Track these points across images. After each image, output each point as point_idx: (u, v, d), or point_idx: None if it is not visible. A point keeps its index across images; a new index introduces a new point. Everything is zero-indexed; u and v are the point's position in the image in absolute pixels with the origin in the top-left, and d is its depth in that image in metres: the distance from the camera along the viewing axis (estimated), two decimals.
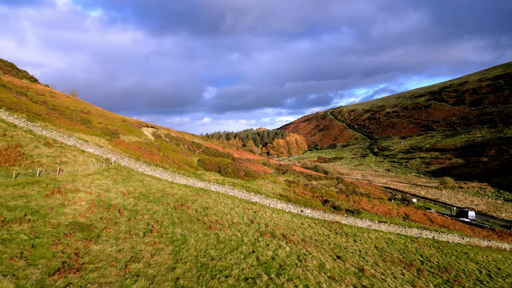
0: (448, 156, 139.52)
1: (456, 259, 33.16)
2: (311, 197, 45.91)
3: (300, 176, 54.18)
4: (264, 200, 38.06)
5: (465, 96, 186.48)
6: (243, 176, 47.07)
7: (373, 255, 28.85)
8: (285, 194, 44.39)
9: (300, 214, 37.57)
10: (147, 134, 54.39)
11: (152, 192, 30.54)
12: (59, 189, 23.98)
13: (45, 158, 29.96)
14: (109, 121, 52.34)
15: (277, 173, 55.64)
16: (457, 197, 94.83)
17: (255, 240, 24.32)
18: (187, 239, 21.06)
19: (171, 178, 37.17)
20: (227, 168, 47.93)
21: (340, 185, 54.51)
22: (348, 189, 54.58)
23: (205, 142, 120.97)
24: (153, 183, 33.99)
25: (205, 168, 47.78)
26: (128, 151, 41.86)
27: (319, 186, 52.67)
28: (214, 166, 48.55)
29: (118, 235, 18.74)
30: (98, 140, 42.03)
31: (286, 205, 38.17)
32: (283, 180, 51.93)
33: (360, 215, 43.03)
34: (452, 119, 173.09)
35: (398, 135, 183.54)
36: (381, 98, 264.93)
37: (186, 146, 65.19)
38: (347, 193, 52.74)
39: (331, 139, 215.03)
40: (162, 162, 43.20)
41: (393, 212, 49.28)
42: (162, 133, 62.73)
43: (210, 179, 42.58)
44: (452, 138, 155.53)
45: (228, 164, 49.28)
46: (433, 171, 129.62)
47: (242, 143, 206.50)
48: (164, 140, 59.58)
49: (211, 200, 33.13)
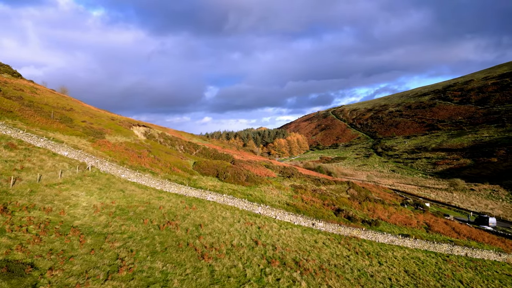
0: (456, 156, 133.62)
1: (500, 284, 27.28)
2: (322, 205, 39.98)
3: (307, 181, 48.32)
4: (269, 211, 32.11)
5: (470, 95, 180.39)
6: (244, 182, 41.12)
7: (406, 285, 22.93)
8: (293, 202, 38.44)
9: (311, 228, 31.62)
10: (137, 134, 48.47)
11: (133, 206, 24.59)
12: (5, 206, 18.03)
13: (1, 164, 23.99)
14: (95, 119, 46.40)
15: (281, 177, 49.72)
16: (470, 201, 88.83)
17: (261, 273, 18.36)
18: (170, 279, 15.10)
19: (160, 186, 31.21)
20: (226, 172, 42.01)
21: (352, 190, 48.60)
22: (361, 194, 48.65)
23: (204, 142, 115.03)
24: (137, 192, 28.03)
25: (201, 173, 41.84)
26: (112, 153, 35.89)
27: (329, 192, 46.77)
28: (211, 170, 42.60)
29: (65, 282, 12.80)
30: (77, 141, 36.07)
31: (295, 217, 32.20)
32: (289, 185, 45.99)
33: (379, 226, 37.09)
34: (458, 118, 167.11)
35: (402, 135, 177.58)
36: (384, 97, 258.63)
37: (182, 147, 59.26)
38: (359, 199, 46.81)
39: (333, 139, 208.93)
40: (152, 166, 37.26)
41: (412, 221, 43.35)
42: (156, 132, 56.77)
43: (207, 185, 36.64)
44: (459, 137, 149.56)
45: (227, 168, 43.34)
46: (441, 172, 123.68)
47: (242, 142, 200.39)
48: (158, 141, 53.63)
49: (206, 214, 27.14)
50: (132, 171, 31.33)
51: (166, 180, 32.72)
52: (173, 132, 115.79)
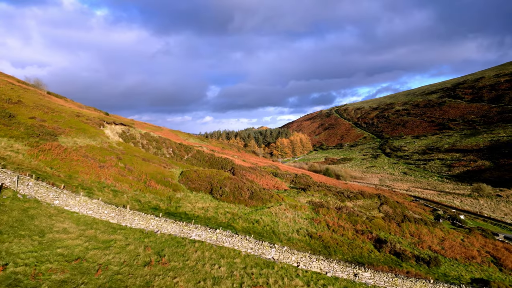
0: (472, 157, 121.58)
1: None
2: (355, 234, 28.18)
3: (328, 195, 36.52)
4: (288, 254, 20.30)
5: (482, 93, 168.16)
6: (247, 200, 29.27)
7: None
8: (316, 231, 26.63)
9: (353, 281, 19.85)
10: (109, 135, 36.65)
11: (44, 271, 12.84)
12: None
13: None
14: (50, 115, 34.59)
15: (295, 190, 37.86)
16: (501, 209, 76.71)
17: None
18: None
19: (117, 217, 19.40)
20: (223, 186, 30.22)
21: (385, 207, 36.81)
22: (396, 212, 36.82)
23: (202, 142, 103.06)
24: (69, 235, 16.26)
25: (189, 187, 30.01)
26: (56, 163, 24.07)
27: (357, 210, 34.98)
28: (203, 183, 30.77)
29: None
30: (7, 145, 24.25)
31: (326, 262, 20.30)
32: (306, 201, 34.21)
33: (440, 267, 25.29)
34: (471, 117, 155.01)
35: (411, 134, 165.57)
36: (389, 95, 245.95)
37: (171, 150, 47.40)
38: (397, 219, 34.96)
39: (337, 139, 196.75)
40: (118, 180, 25.44)
41: (472, 252, 31.48)
42: (138, 132, 44.92)
43: (195, 209, 24.87)
44: (473, 137, 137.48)
45: (224, 180, 31.52)
46: (458, 175, 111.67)
47: (243, 143, 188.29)
48: (139, 143, 41.80)
49: (185, 276, 15.28)
50: (72, 194, 19.36)
51: (135, 201, 20.88)
52: (168, 131, 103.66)
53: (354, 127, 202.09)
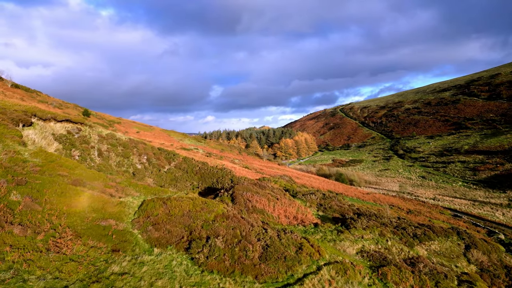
0: (498, 160, 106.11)
1: None
2: None
3: (385, 233, 21.86)
4: None
5: (500, 90, 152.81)
6: (258, 264, 14.58)
7: None
8: None
9: None
10: (33, 138, 21.88)
11: None
12: None
13: None
14: None
15: (330, 224, 23.01)
16: None
17: None
18: None
19: None
20: (213, 234, 15.60)
21: (474, 252, 22.17)
22: (492, 260, 22.15)
23: (198, 143, 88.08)
24: None
25: (150, 237, 15.34)
26: None
27: (437, 264, 20.39)
28: (176, 229, 16.05)
29: None
30: None
31: None
32: (356, 252, 19.56)
33: None
34: (489, 116, 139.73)
35: (424, 134, 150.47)
36: (397, 93, 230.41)
37: (145, 157, 32.57)
38: (502, 278, 20.26)
39: (344, 139, 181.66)
40: None
41: None
42: (96, 133, 30.15)
43: None
44: (495, 138, 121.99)
45: (216, 222, 16.83)
46: (486, 180, 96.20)
47: (245, 143, 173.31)
48: (93, 149, 27.08)
49: None
50: None
51: None
52: (159, 131, 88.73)
53: (361, 127, 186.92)
